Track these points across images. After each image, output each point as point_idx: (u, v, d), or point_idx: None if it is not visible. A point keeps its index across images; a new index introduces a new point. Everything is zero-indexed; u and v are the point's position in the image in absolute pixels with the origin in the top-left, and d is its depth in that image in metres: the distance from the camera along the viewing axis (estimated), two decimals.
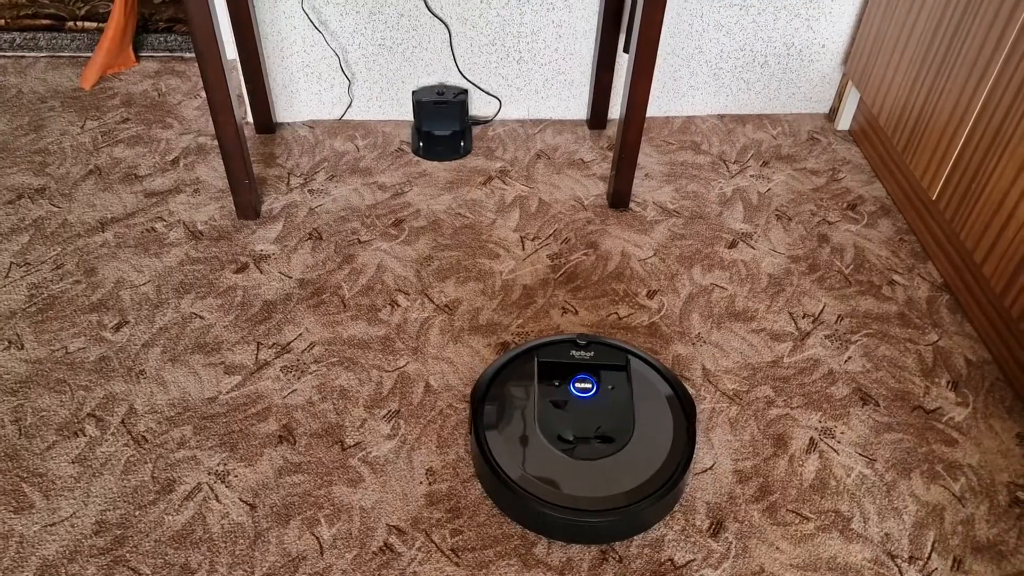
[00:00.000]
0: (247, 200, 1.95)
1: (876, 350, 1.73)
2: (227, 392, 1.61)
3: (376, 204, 2.04)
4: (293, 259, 1.89)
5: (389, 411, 1.58)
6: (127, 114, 2.29)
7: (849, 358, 1.71)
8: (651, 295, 1.85)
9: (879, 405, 1.62)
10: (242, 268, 1.87)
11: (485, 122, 2.31)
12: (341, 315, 1.77)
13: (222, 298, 1.80)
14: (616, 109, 2.31)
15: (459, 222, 2.01)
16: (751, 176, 2.18)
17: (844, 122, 2.34)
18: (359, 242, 1.95)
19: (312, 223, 1.99)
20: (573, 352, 1.51)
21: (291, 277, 1.85)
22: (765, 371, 1.68)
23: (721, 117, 2.38)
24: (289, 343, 1.71)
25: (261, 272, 1.86)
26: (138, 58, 2.49)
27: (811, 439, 1.55)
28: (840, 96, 2.35)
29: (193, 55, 2.49)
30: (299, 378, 1.64)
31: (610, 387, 1.45)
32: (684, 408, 1.47)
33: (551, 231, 1.99)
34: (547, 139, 2.27)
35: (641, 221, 2.03)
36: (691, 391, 1.64)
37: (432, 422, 1.54)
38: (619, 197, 2.05)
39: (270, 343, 1.71)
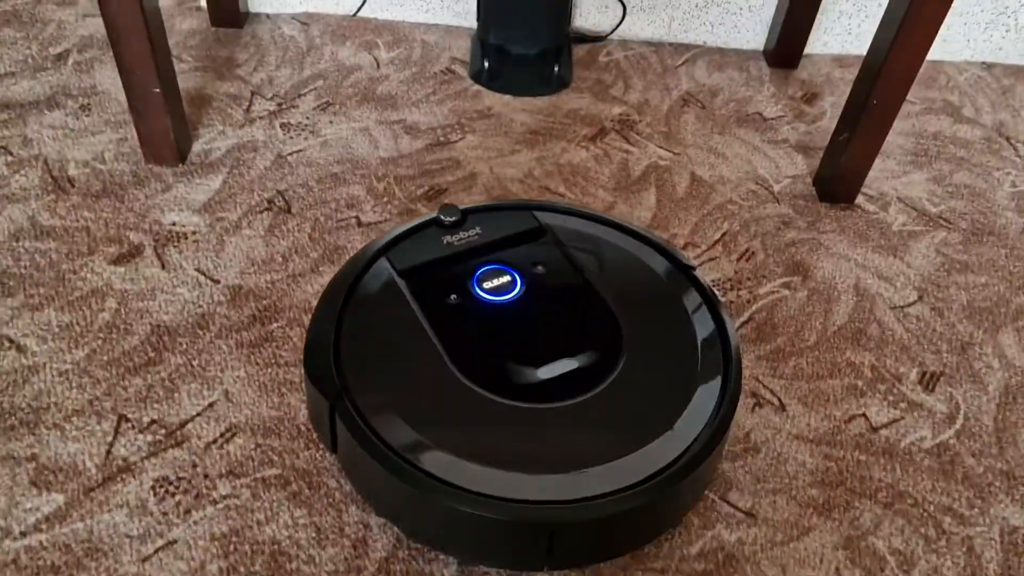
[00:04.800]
0: (160, 130, 1.05)
1: None
2: (20, 538, 0.72)
3: (399, 158, 1.13)
4: (229, 247, 0.99)
5: None
6: None
7: None
8: (929, 382, 0.92)
9: None
10: (129, 254, 0.97)
11: (596, 39, 1.39)
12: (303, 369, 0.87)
13: (73, 313, 0.90)
14: (820, 38, 1.36)
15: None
16: None
17: None
18: (358, 224, 1.04)
19: (277, 182, 1.08)
20: (445, 238, 0.87)
21: (218, 282, 0.95)
22: None
23: (988, 67, 1.43)
24: (185, 423, 0.81)
25: (163, 266, 0.96)
26: None
27: None
28: None
29: None
30: (189, 517, 0.74)
31: (539, 268, 0.84)
32: (692, 281, 0.85)
33: (718, 234, 1.07)
34: (698, 76, 1.34)
35: (882, 230, 1.10)
36: None
37: None
38: (842, 184, 1.12)
39: (145, 420, 0.81)
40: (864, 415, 0.88)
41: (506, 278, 0.83)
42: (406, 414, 0.72)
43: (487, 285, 0.82)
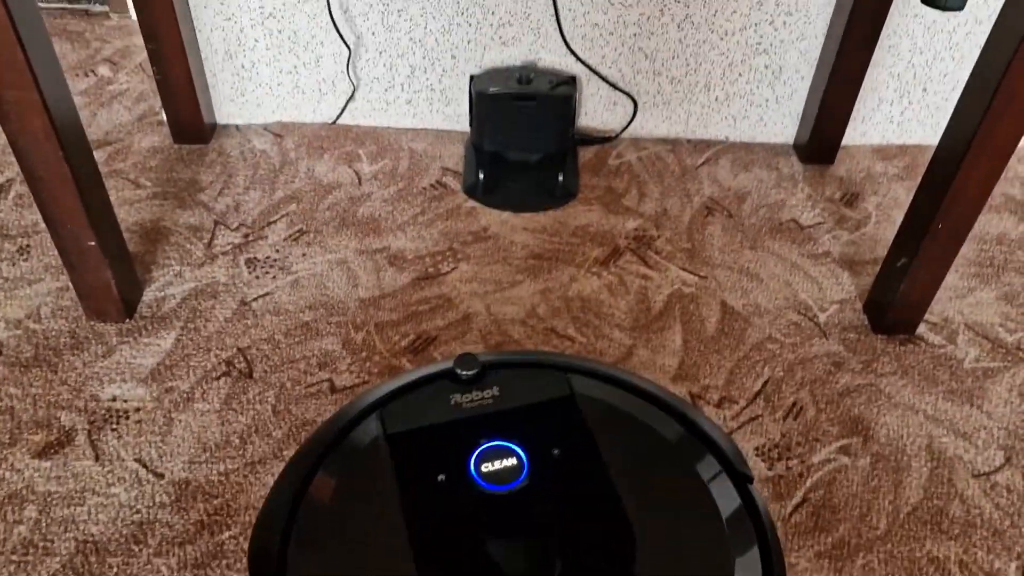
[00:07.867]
0: (100, 285, 0.90)
1: None
2: None
3: (381, 298, 0.98)
4: (177, 427, 0.84)
5: None
6: None
7: None
8: None
9: None
10: (58, 443, 0.82)
11: (604, 140, 1.24)
12: None
13: None
14: (858, 127, 1.20)
15: (554, 350, 0.93)
16: None
17: None
18: (331, 389, 0.88)
19: (239, 337, 0.93)
20: (454, 397, 0.68)
21: (162, 476, 0.79)
22: None
23: None
24: None
25: (96, 457, 0.81)
26: None
27: None
28: None
29: (102, 4, 1.46)
30: None
31: (555, 453, 0.65)
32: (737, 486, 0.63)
33: (758, 383, 0.90)
34: (721, 177, 1.18)
35: (952, 369, 0.93)
36: None
37: None
38: (900, 314, 0.95)
39: None
40: None
41: (512, 461, 0.65)
42: None
43: (487, 468, 0.65)
